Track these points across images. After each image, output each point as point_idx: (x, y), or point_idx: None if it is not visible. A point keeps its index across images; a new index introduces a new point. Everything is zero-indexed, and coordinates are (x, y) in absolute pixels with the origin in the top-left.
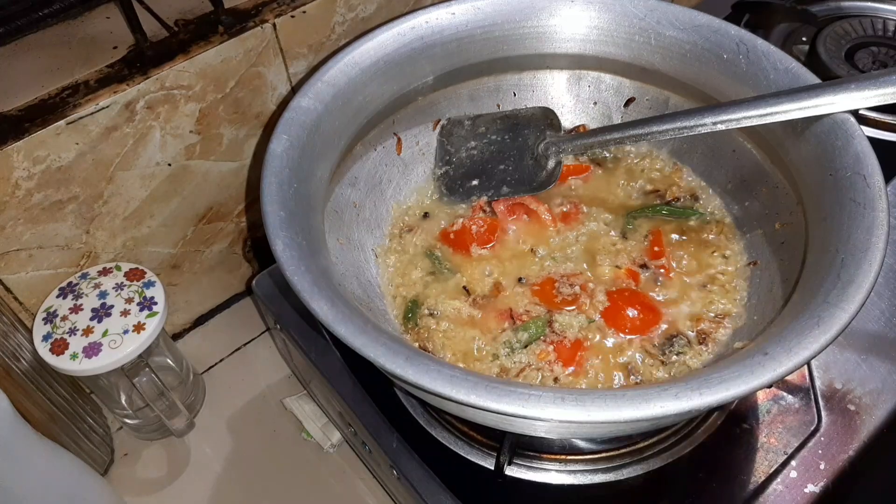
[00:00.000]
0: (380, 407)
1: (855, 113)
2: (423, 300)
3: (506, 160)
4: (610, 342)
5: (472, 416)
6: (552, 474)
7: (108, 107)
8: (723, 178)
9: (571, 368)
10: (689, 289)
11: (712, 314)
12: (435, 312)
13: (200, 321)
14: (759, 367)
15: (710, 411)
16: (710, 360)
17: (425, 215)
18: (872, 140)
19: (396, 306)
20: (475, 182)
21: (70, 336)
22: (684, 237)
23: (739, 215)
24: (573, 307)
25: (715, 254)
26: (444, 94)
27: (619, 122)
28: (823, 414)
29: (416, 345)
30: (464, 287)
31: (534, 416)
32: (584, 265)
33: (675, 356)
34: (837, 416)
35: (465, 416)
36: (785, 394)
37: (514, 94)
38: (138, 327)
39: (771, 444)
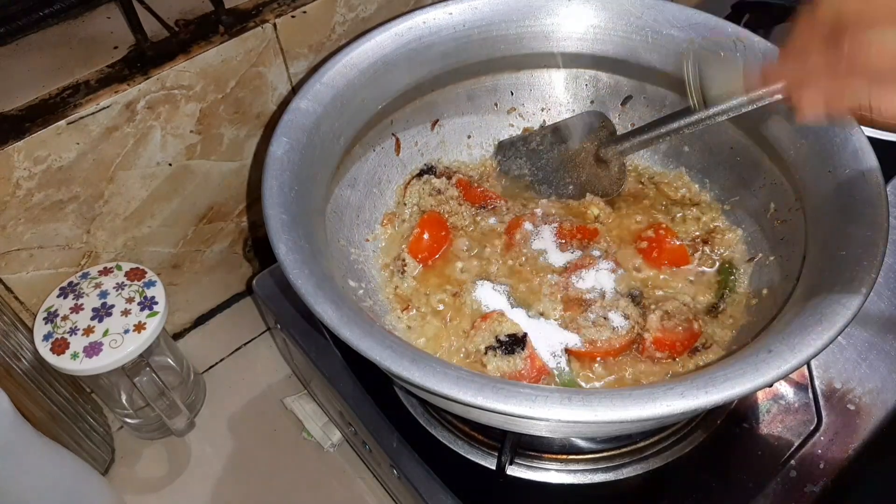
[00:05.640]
0: (380, 406)
1: None
2: None
3: (569, 171)
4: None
5: (476, 416)
6: (552, 474)
7: (108, 107)
8: (721, 176)
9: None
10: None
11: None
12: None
13: (201, 321)
14: (763, 364)
15: (709, 411)
16: (712, 360)
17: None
18: (872, 140)
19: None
20: (544, 187)
21: (71, 336)
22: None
23: (738, 212)
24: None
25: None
26: (442, 94)
27: (617, 119)
28: (823, 414)
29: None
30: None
31: (541, 417)
32: None
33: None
34: (837, 415)
35: (469, 417)
36: (785, 393)
37: (512, 94)
38: (139, 327)
39: (771, 444)
